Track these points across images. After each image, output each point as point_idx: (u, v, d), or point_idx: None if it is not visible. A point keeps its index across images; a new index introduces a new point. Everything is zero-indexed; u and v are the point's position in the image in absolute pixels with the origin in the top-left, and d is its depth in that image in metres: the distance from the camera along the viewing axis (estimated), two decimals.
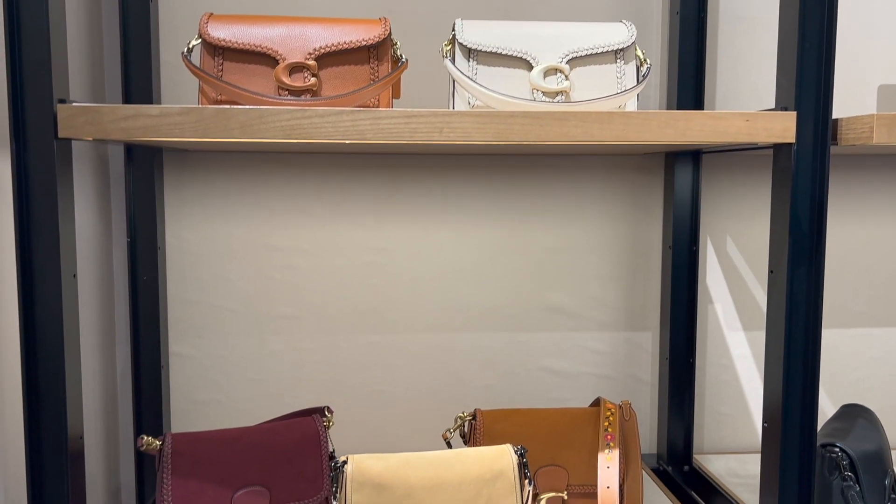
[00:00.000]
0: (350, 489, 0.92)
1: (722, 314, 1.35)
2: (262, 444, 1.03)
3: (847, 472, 0.97)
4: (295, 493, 1.03)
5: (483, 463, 0.96)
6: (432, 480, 0.94)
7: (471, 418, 1.11)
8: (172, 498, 0.98)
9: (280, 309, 1.28)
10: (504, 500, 0.95)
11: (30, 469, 0.83)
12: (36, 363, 0.83)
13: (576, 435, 1.11)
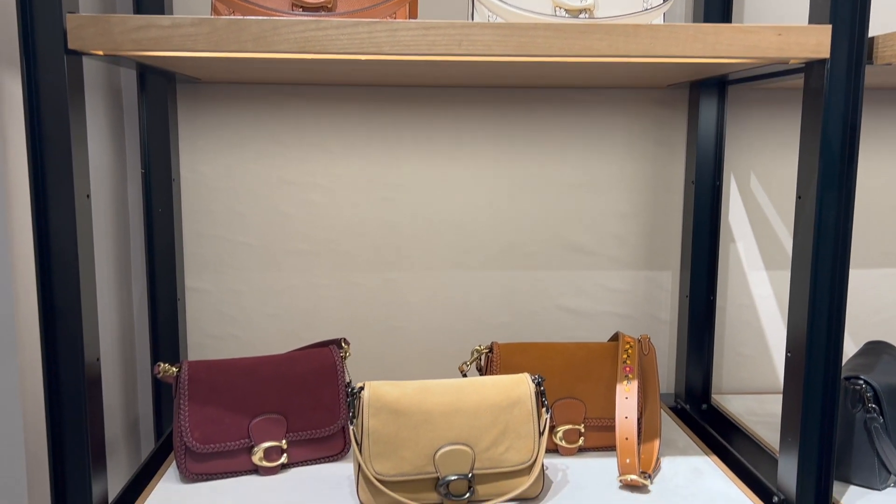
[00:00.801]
0: (367, 414, 0.92)
1: (744, 253, 1.32)
2: (279, 373, 1.03)
3: (871, 404, 0.96)
4: (311, 422, 1.03)
5: (500, 390, 0.95)
6: (449, 406, 0.93)
7: (487, 351, 1.10)
8: (189, 424, 0.98)
9: (296, 244, 1.27)
10: (521, 427, 0.94)
11: (48, 394, 0.83)
12: (51, 283, 0.82)
13: (593, 368, 1.09)
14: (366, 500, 0.92)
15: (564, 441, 1.08)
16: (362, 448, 0.92)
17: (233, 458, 1.00)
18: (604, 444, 1.09)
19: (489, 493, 0.93)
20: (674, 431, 1.18)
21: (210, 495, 0.95)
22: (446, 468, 0.92)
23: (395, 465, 0.91)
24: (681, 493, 0.97)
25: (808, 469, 0.90)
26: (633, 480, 0.97)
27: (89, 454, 0.84)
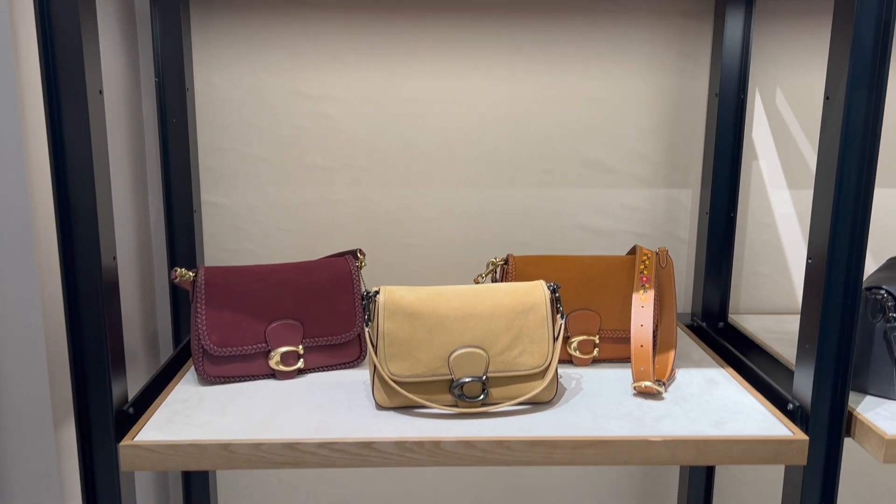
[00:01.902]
0: (382, 317, 0.92)
1: (767, 171, 1.30)
2: (295, 280, 1.03)
3: (892, 313, 0.94)
4: (327, 329, 1.04)
5: (515, 296, 0.95)
6: (463, 311, 0.93)
7: (503, 263, 1.10)
8: (206, 327, 0.99)
9: (311, 159, 1.26)
10: (535, 332, 0.94)
11: (66, 293, 0.84)
12: (66, 181, 0.82)
13: (610, 281, 1.09)
14: (381, 401, 0.93)
15: (579, 352, 1.08)
16: (377, 350, 0.92)
17: (250, 361, 1.01)
18: (618, 355, 1.09)
19: (502, 395, 0.93)
20: (689, 347, 1.18)
21: (228, 396, 0.97)
22: (460, 370, 0.92)
23: (410, 366, 0.92)
24: (695, 401, 0.97)
25: (824, 377, 0.89)
26: (647, 387, 0.97)
27: (108, 353, 0.85)
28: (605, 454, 0.87)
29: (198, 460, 0.85)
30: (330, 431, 0.87)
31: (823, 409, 0.89)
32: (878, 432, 0.88)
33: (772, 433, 0.89)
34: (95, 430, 0.86)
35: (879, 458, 0.87)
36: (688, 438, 0.87)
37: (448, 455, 0.86)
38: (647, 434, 0.88)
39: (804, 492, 0.91)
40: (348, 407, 0.94)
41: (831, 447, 0.90)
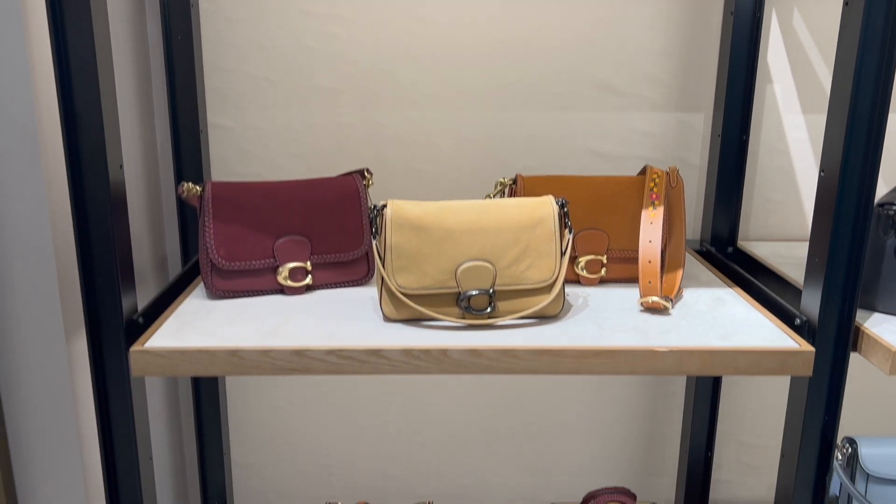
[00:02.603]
0: (389, 230, 0.92)
1: (781, 95, 1.27)
2: (303, 197, 1.03)
3: None
4: (335, 246, 1.04)
5: (523, 211, 0.94)
6: (471, 224, 0.93)
7: (512, 183, 1.09)
8: (215, 241, 0.99)
9: (319, 80, 1.24)
10: (543, 246, 0.94)
11: (74, 200, 0.84)
12: (70, 87, 0.81)
13: (619, 201, 1.08)
14: (389, 313, 0.94)
15: (586, 271, 1.08)
16: (385, 262, 0.92)
17: (258, 276, 1.01)
18: (626, 276, 1.09)
19: (509, 309, 0.94)
20: (698, 269, 1.17)
21: (237, 309, 0.98)
22: (467, 283, 0.92)
23: (418, 278, 0.92)
24: (702, 317, 0.97)
25: (832, 290, 0.89)
26: (655, 302, 0.97)
27: (117, 262, 0.86)
28: (611, 364, 0.87)
29: (206, 366, 0.86)
30: (338, 340, 0.88)
31: (831, 322, 0.89)
32: (885, 345, 0.88)
33: (778, 345, 0.89)
34: (106, 337, 0.87)
35: (885, 370, 0.87)
36: (694, 349, 0.87)
37: (455, 363, 0.87)
38: (653, 345, 0.88)
39: (808, 405, 0.92)
40: (356, 319, 0.95)
41: (837, 360, 0.90)
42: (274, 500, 1.45)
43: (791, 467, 0.96)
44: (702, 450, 1.37)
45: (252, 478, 1.44)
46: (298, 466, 1.43)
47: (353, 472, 1.44)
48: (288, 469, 1.43)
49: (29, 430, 1.00)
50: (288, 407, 1.40)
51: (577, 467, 1.45)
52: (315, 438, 1.42)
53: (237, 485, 1.43)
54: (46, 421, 1.00)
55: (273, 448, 1.42)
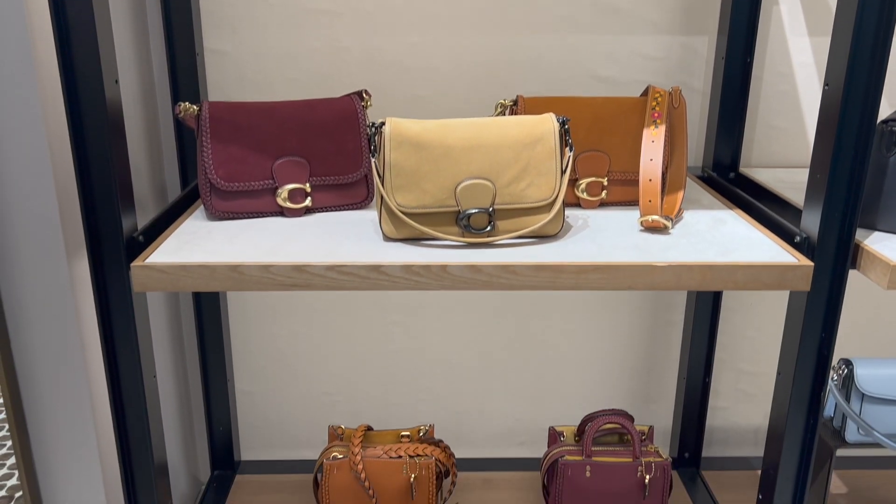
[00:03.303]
0: (388, 148, 0.91)
1: (787, 16, 1.25)
2: (301, 118, 1.02)
3: None
4: (334, 168, 1.04)
5: (523, 128, 0.94)
6: (471, 141, 0.92)
7: (512, 105, 1.08)
8: (213, 161, 0.99)
9: (317, 3, 1.22)
10: (543, 164, 0.93)
11: (70, 118, 0.83)
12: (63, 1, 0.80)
13: (620, 122, 1.07)
14: (389, 232, 0.94)
15: (587, 194, 1.07)
16: (384, 180, 0.92)
17: (258, 198, 1.01)
18: (627, 198, 1.09)
19: (509, 228, 0.94)
20: (699, 193, 1.17)
21: (237, 229, 0.98)
22: (467, 202, 0.92)
23: (417, 197, 0.92)
24: (702, 236, 0.97)
25: (833, 207, 0.88)
26: (655, 221, 0.97)
27: (116, 179, 0.85)
28: (610, 279, 0.88)
29: (207, 281, 0.86)
30: (338, 257, 0.88)
31: (831, 238, 0.89)
32: (883, 259, 0.88)
33: (778, 260, 0.89)
34: (107, 254, 0.87)
35: (883, 284, 0.88)
36: (693, 264, 0.88)
37: (455, 279, 0.87)
38: (652, 260, 0.88)
39: (806, 321, 0.93)
40: (357, 239, 0.95)
41: (836, 276, 0.90)
42: (277, 426, 1.47)
43: (787, 385, 0.97)
44: (699, 377, 1.38)
45: (256, 405, 1.46)
46: (301, 394, 1.45)
47: (355, 398, 1.46)
48: (290, 396, 1.46)
49: (34, 350, 1.01)
50: (289, 336, 1.42)
51: (576, 395, 1.47)
52: (317, 367, 1.44)
53: (241, 412, 1.46)
54: (51, 341, 1.01)
55: (275, 376, 1.44)
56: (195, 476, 1.44)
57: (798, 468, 1.01)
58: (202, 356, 1.33)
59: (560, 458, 1.21)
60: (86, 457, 1.06)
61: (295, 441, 1.49)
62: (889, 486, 1.37)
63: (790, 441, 0.99)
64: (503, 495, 1.34)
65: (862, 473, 1.41)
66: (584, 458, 1.20)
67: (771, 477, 1.02)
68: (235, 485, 1.37)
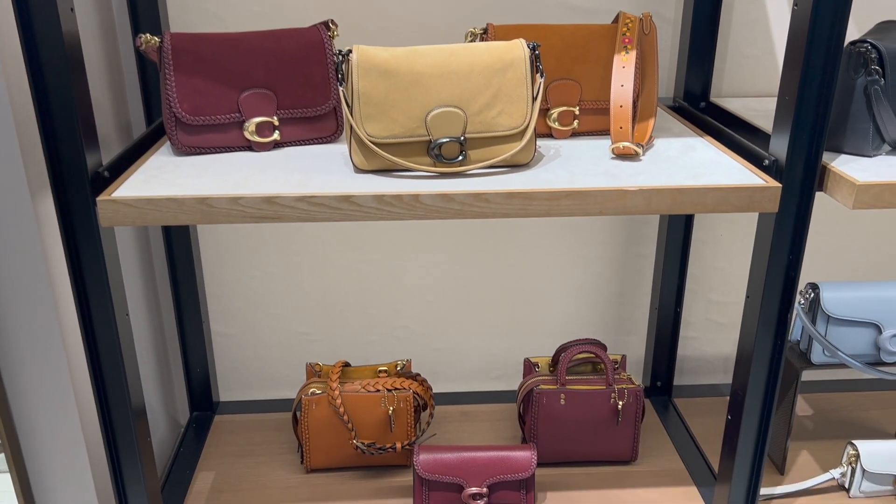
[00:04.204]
0: (356, 76, 0.90)
1: None
2: (266, 48, 1.00)
3: (874, 66, 0.93)
4: (302, 100, 1.02)
5: (494, 54, 0.92)
6: (440, 68, 0.91)
7: (482, 33, 1.06)
8: (178, 95, 0.96)
9: None
10: (514, 91, 0.92)
11: (27, 52, 0.80)
12: None
13: (591, 49, 1.06)
14: (359, 163, 0.93)
15: (558, 123, 1.07)
16: (353, 110, 0.91)
17: (225, 132, 0.99)
18: (599, 128, 1.08)
19: (480, 157, 0.93)
20: (670, 122, 1.17)
21: (205, 163, 0.96)
22: (438, 131, 0.91)
23: (387, 126, 0.91)
24: (672, 162, 0.98)
25: (801, 129, 0.89)
26: (626, 148, 0.97)
27: (78, 111, 0.83)
28: (581, 204, 0.88)
29: (176, 214, 0.85)
30: (309, 188, 0.87)
31: (798, 160, 0.90)
32: (849, 180, 0.89)
33: (746, 182, 0.90)
34: (71, 190, 0.86)
35: (849, 204, 0.89)
36: (663, 188, 0.88)
37: (427, 208, 0.87)
38: (622, 185, 0.88)
39: (774, 243, 0.94)
40: (327, 171, 0.94)
41: (804, 197, 0.92)
42: (255, 366, 1.48)
43: (755, 308, 0.99)
44: (671, 308, 1.41)
45: (232, 347, 1.46)
46: (277, 334, 1.46)
47: (332, 338, 1.47)
48: (267, 337, 1.46)
49: (2, 294, 1.00)
50: (264, 277, 1.41)
51: (550, 328, 1.49)
52: (293, 307, 1.44)
53: (218, 353, 1.46)
54: (19, 282, 0.99)
55: (251, 317, 1.44)
56: (174, 418, 1.45)
57: (765, 389, 1.03)
58: (176, 298, 1.32)
59: (535, 387, 1.23)
60: (60, 397, 1.06)
61: (273, 381, 1.50)
62: (851, 407, 1.42)
63: (758, 363, 1.01)
64: (480, 426, 1.37)
65: (826, 396, 1.45)
66: (559, 386, 1.22)
67: (739, 398, 1.05)
68: (215, 425, 1.38)
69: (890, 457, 1.16)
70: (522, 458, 1.14)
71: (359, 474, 1.24)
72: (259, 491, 1.21)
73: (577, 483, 1.23)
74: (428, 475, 1.13)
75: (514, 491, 1.15)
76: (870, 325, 1.14)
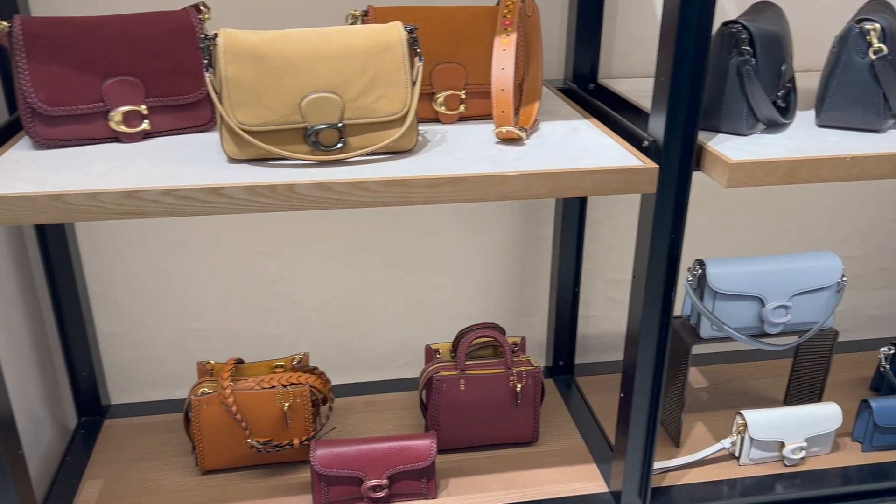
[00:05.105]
0: (223, 61, 0.85)
1: None
2: (131, 33, 0.94)
3: (745, 46, 0.95)
4: (172, 88, 0.97)
5: (369, 37, 0.90)
6: (314, 52, 0.87)
7: (363, 15, 1.03)
8: (33, 84, 0.90)
9: None
10: (392, 75, 0.90)
11: None
12: None
13: (476, 32, 1.04)
14: (232, 152, 0.89)
15: (444, 108, 1.05)
16: (222, 97, 0.87)
17: (88, 123, 0.93)
18: (486, 112, 1.07)
19: (361, 144, 0.91)
20: (558, 105, 1.17)
21: (66, 157, 0.90)
22: (314, 117, 0.88)
23: (259, 113, 0.87)
24: (556, 145, 0.98)
25: (676, 110, 0.90)
26: (509, 132, 0.96)
27: None
28: (462, 191, 0.87)
29: (30, 214, 0.79)
30: (176, 181, 0.83)
31: (675, 140, 0.91)
32: (723, 159, 0.91)
33: (624, 164, 0.91)
34: None
35: (723, 183, 0.91)
36: (542, 172, 0.88)
37: (303, 199, 0.84)
38: (503, 170, 0.88)
39: (656, 223, 0.95)
40: (199, 162, 0.89)
41: (682, 177, 0.93)
42: (147, 366, 1.42)
43: (641, 286, 1.00)
44: (570, 288, 1.42)
45: (122, 347, 1.39)
46: (170, 332, 1.40)
47: (230, 333, 1.42)
48: (159, 335, 1.40)
49: None
50: (151, 273, 1.35)
51: (454, 312, 1.48)
52: (185, 303, 1.38)
53: (107, 354, 1.39)
54: None
55: (140, 315, 1.38)
56: (62, 424, 1.37)
57: (655, 365, 1.05)
58: (55, 298, 1.25)
59: (435, 374, 1.22)
60: None
61: (168, 381, 1.44)
62: (744, 377, 1.47)
63: (646, 340, 1.03)
64: (384, 416, 1.35)
65: (720, 368, 1.50)
66: (458, 372, 1.22)
67: (630, 375, 1.07)
68: (105, 429, 1.32)
69: (775, 424, 1.20)
70: (422, 447, 1.13)
71: (256, 473, 1.21)
72: (150, 496, 1.16)
73: (479, 467, 1.23)
74: (325, 470, 1.11)
75: (415, 480, 1.14)
76: (754, 298, 1.18)
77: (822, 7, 1.33)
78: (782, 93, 1.04)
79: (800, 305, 1.19)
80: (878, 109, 0.99)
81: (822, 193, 1.50)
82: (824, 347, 1.28)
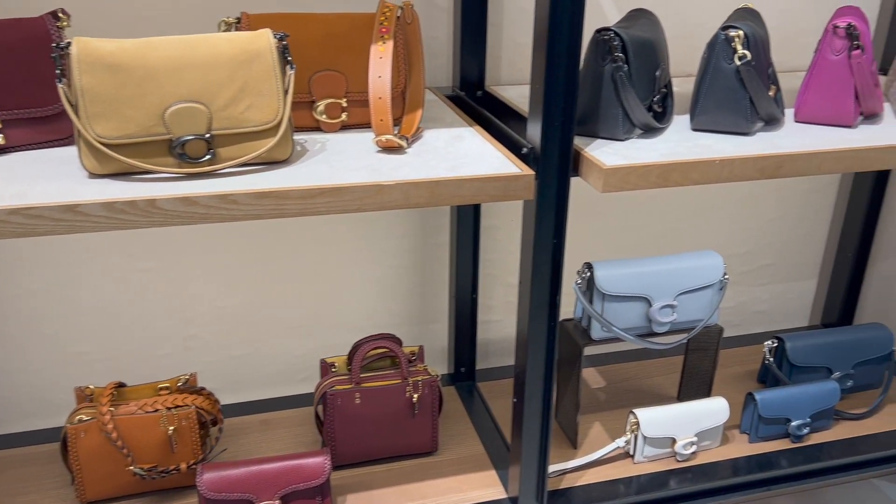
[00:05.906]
0: (78, 71, 0.81)
1: None
2: None
3: (618, 53, 0.96)
4: (28, 99, 0.91)
5: (236, 45, 0.86)
6: (177, 61, 0.84)
7: (236, 22, 1.00)
8: None
9: None
10: (262, 84, 0.87)
11: None
12: None
13: (355, 39, 1.02)
14: (91, 167, 0.84)
15: (325, 116, 1.03)
16: (78, 110, 0.82)
17: None
18: (369, 120, 1.05)
19: (232, 154, 0.87)
20: (444, 112, 1.16)
21: None
22: (179, 128, 0.84)
23: (119, 125, 0.82)
24: (437, 153, 0.97)
25: (552, 117, 0.90)
26: (389, 141, 0.95)
27: None
28: (338, 202, 0.85)
29: None
30: (27, 199, 0.78)
31: (552, 147, 0.92)
32: (598, 164, 0.92)
33: (501, 171, 0.91)
34: None
35: (599, 188, 0.92)
36: (420, 181, 0.87)
37: (167, 214, 0.80)
38: (381, 180, 0.86)
39: (538, 229, 0.96)
40: (56, 178, 0.84)
41: (561, 183, 0.93)
42: (26, 393, 1.33)
43: (527, 290, 1.01)
44: (468, 294, 1.42)
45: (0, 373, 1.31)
46: (52, 356, 1.32)
47: (117, 355, 1.35)
48: (40, 360, 1.32)
49: None
50: (27, 296, 1.27)
51: (353, 324, 1.46)
52: (66, 325, 1.31)
53: None
54: None
55: (19, 340, 1.29)
56: None
57: (546, 368, 1.06)
58: None
59: (329, 388, 1.19)
60: None
61: (50, 408, 1.36)
62: (640, 375, 1.50)
63: (534, 344, 1.04)
64: (279, 433, 1.31)
65: (616, 367, 1.53)
66: (353, 385, 1.19)
67: (521, 379, 1.07)
68: None
69: (665, 421, 1.23)
70: (315, 465, 1.10)
71: (142, 501, 1.15)
72: None
73: (378, 481, 1.21)
74: (213, 494, 1.06)
75: (310, 499, 1.11)
76: (641, 299, 1.20)
77: (700, 13, 1.38)
78: (658, 98, 1.06)
79: (685, 304, 1.22)
80: (746, 113, 1.02)
81: (711, 195, 1.56)
82: (711, 344, 1.32)
